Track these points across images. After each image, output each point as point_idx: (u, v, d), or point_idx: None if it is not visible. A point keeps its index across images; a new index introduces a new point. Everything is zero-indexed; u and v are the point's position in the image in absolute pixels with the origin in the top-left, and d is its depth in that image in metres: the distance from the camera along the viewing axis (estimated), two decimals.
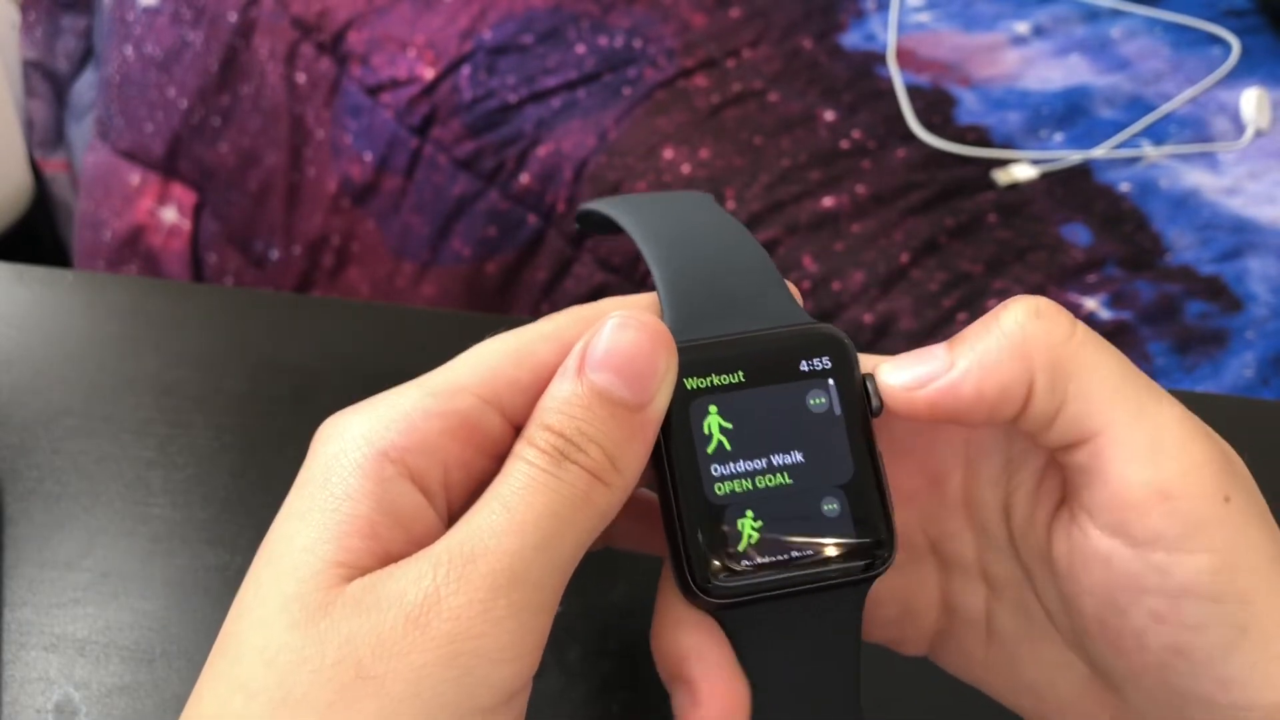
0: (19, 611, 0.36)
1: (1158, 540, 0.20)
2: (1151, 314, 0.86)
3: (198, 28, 1.07)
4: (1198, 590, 0.20)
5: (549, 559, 0.19)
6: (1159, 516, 0.20)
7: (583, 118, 0.98)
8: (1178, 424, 0.21)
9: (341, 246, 1.04)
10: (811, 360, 0.23)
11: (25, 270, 0.46)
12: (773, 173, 0.94)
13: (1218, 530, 0.20)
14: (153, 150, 1.10)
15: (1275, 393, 0.82)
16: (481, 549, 0.19)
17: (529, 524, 0.19)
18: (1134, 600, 0.21)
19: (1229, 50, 1.10)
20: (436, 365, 0.23)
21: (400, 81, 1.00)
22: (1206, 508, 0.20)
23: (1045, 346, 0.21)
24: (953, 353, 0.22)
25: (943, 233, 0.91)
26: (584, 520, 0.20)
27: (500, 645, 0.18)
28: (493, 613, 0.18)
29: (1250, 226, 0.94)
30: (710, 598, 0.22)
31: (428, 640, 0.18)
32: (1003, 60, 1.09)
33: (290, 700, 0.18)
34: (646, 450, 0.21)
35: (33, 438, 0.40)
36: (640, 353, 0.21)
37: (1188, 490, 0.20)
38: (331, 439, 0.21)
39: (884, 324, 0.86)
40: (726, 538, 0.22)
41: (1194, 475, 0.21)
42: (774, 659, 0.23)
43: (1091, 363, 0.21)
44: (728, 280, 0.24)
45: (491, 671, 0.18)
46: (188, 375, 0.42)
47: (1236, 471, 0.21)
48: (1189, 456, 0.21)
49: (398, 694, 0.18)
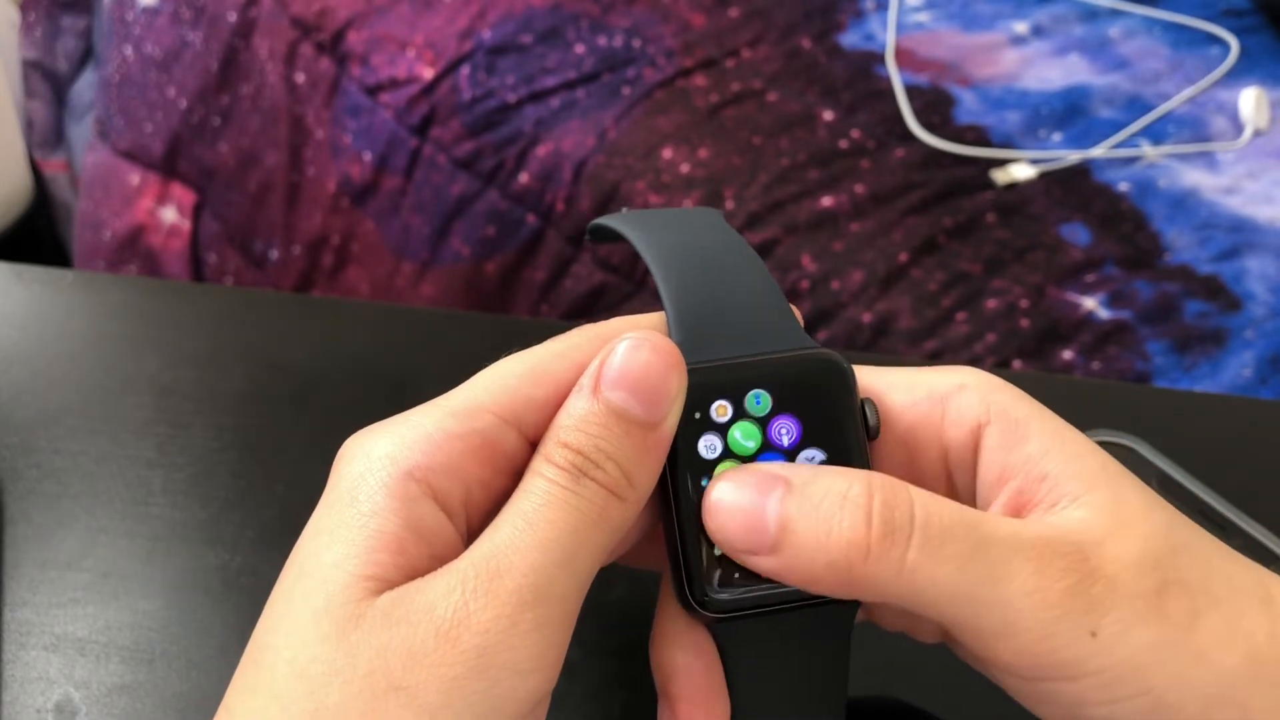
0: (19, 611, 0.36)
1: (1047, 677, 0.22)
2: (1150, 313, 0.86)
3: (197, 28, 1.07)
4: (1097, 701, 0.22)
5: (570, 574, 0.20)
6: (1040, 669, 0.22)
7: (582, 118, 0.98)
8: (1026, 594, 0.21)
9: (341, 246, 1.04)
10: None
11: (25, 270, 0.46)
12: (772, 172, 0.94)
13: (1093, 660, 0.21)
14: (152, 150, 1.10)
15: (1274, 392, 0.82)
16: (507, 565, 0.19)
17: (550, 540, 0.20)
18: (1052, 709, 0.23)
19: (1228, 50, 1.10)
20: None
21: (400, 81, 1.00)
22: (1077, 648, 0.21)
23: (874, 586, 0.22)
24: (783, 535, 0.22)
25: (941, 232, 0.91)
26: (601, 536, 0.21)
27: (527, 658, 0.19)
28: (519, 627, 0.19)
29: (1249, 226, 0.94)
30: (707, 611, 0.23)
31: (458, 653, 0.18)
32: (1002, 60, 1.09)
33: (323, 711, 0.18)
34: (658, 468, 0.22)
35: (33, 438, 0.40)
36: (654, 373, 0.22)
37: (1054, 643, 0.21)
38: (356, 458, 0.22)
39: (883, 323, 0.86)
40: (724, 554, 0.23)
41: (1053, 630, 0.21)
42: (764, 677, 0.23)
43: (923, 586, 0.22)
44: (733, 302, 0.25)
45: (519, 684, 0.19)
46: (188, 375, 0.42)
47: (1111, 575, 0.22)
48: (1043, 619, 0.21)
49: (430, 704, 0.18)
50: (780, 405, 0.24)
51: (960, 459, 0.24)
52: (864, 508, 0.21)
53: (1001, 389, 0.24)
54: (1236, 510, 0.37)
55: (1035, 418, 0.24)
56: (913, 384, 0.25)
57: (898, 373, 0.25)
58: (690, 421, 0.23)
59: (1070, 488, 0.23)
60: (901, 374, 0.25)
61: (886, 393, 0.25)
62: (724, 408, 0.24)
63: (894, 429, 0.25)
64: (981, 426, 0.24)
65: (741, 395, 0.24)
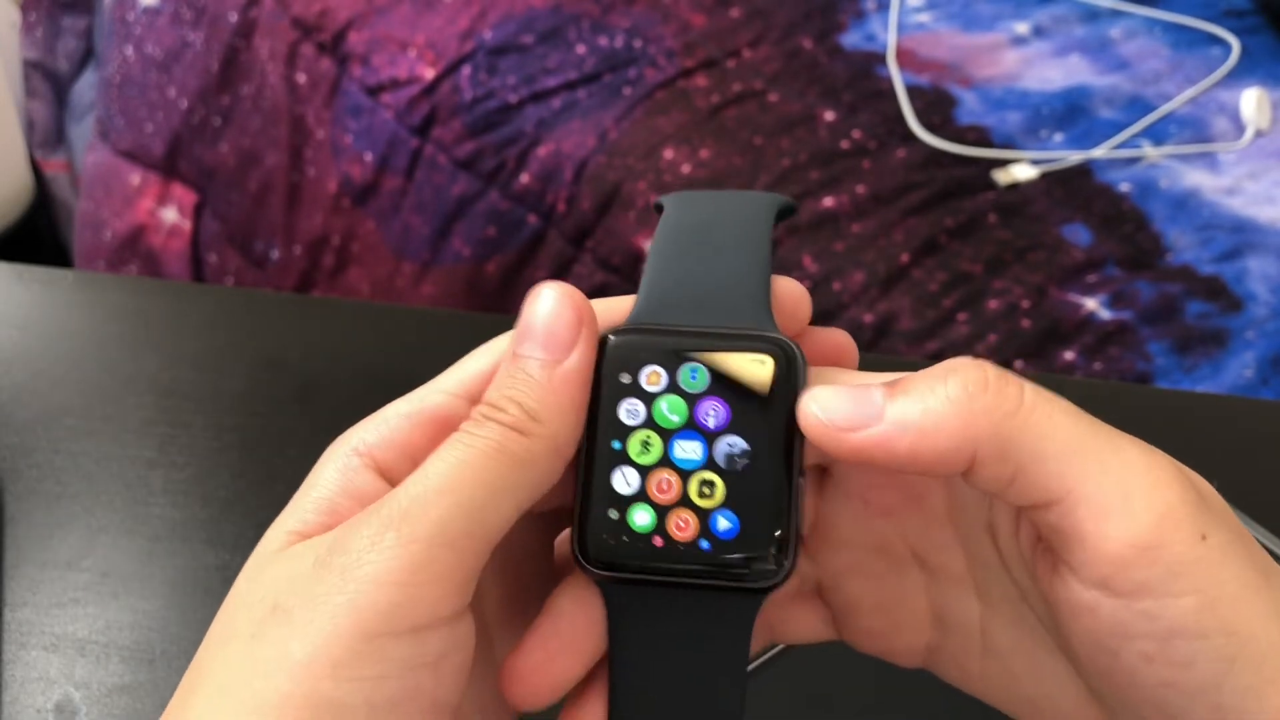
0: (19, 611, 0.36)
1: (1142, 590, 0.21)
2: (1151, 314, 0.86)
3: (198, 28, 1.08)
4: (1185, 631, 0.21)
5: (453, 500, 0.21)
6: (1140, 568, 0.21)
7: (583, 118, 0.98)
8: (1144, 471, 0.21)
9: (341, 246, 1.04)
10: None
11: (25, 270, 0.46)
12: (773, 173, 0.94)
13: (1199, 570, 0.20)
14: (153, 150, 1.10)
15: (1275, 392, 0.82)
16: (388, 499, 0.21)
17: (432, 471, 0.21)
18: (1123, 644, 0.21)
19: (1229, 50, 1.10)
20: (436, 365, 0.24)
21: (400, 82, 1.00)
22: (1186, 550, 0.21)
23: (990, 421, 0.21)
24: (892, 402, 0.22)
25: (943, 233, 0.91)
26: (498, 466, 0.22)
27: (389, 570, 0.20)
28: (383, 542, 0.20)
29: (1250, 226, 0.94)
30: (593, 568, 0.23)
31: (327, 572, 0.21)
32: (1003, 60, 1.09)
33: (228, 632, 0.21)
34: (572, 403, 0.23)
35: (33, 438, 0.40)
36: (551, 313, 0.23)
37: (1164, 537, 0.21)
38: (329, 448, 0.24)
39: (884, 324, 0.86)
40: (623, 514, 0.23)
41: (1169, 520, 0.21)
42: (648, 657, 0.23)
43: (1044, 429, 0.21)
44: (710, 279, 0.25)
45: (381, 595, 0.20)
46: (188, 375, 0.42)
47: (1210, 505, 0.22)
48: (1161, 502, 0.21)
49: (301, 619, 0.20)
50: (715, 385, 0.23)
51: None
52: (975, 364, 0.22)
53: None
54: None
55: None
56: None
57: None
58: (616, 383, 0.23)
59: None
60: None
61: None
62: (656, 375, 0.23)
63: None
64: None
65: (676, 366, 0.23)
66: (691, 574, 0.23)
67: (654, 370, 0.23)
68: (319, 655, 0.20)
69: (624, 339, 0.23)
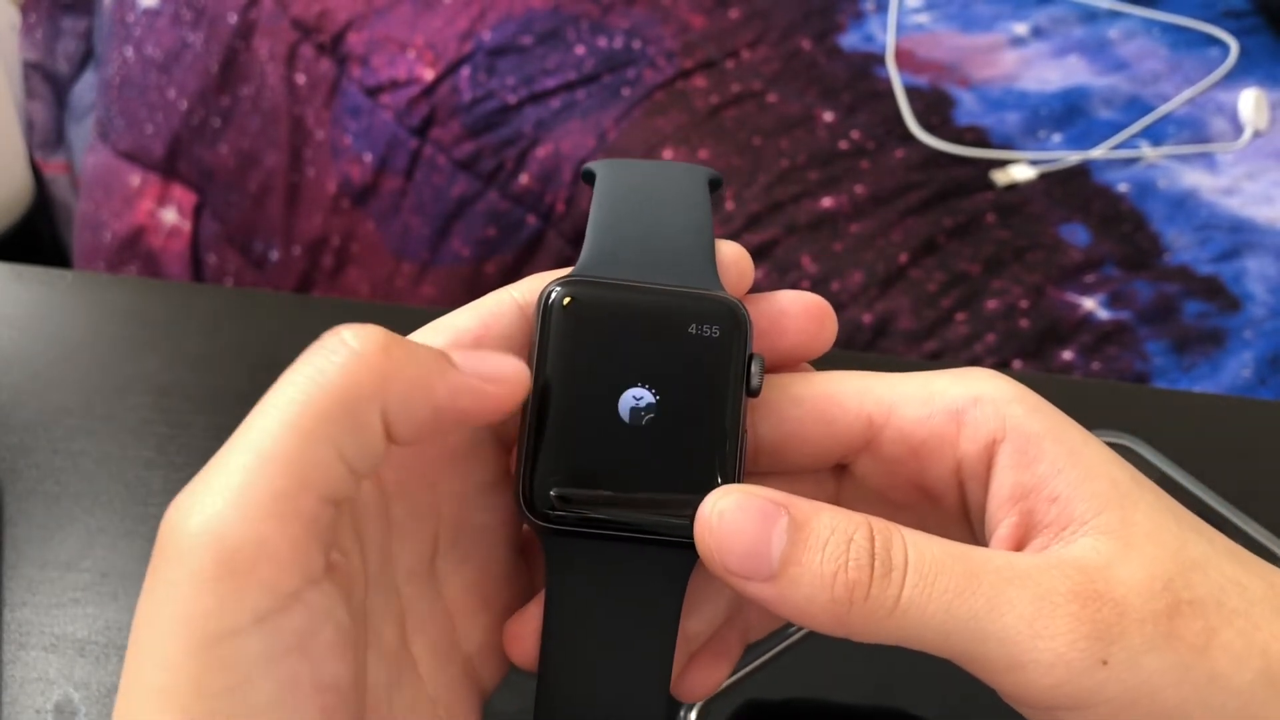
0: (19, 611, 0.36)
1: (1058, 714, 0.22)
2: (1150, 314, 0.86)
3: (198, 29, 1.08)
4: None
5: (292, 430, 0.21)
6: (1044, 710, 0.22)
7: (582, 118, 0.98)
8: (1030, 623, 0.21)
9: (341, 247, 1.04)
10: (702, 326, 0.24)
11: (25, 270, 0.46)
12: (771, 173, 0.94)
13: (1107, 689, 0.21)
14: (153, 151, 1.10)
15: (1273, 392, 0.82)
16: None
17: (270, 404, 0.22)
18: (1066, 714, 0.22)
19: (1227, 51, 1.11)
20: None
21: (400, 82, 1.00)
22: (1087, 684, 0.21)
23: (865, 626, 0.22)
24: (785, 574, 0.22)
25: (941, 233, 0.91)
26: (310, 409, 0.21)
27: (201, 568, 0.19)
28: (210, 470, 0.21)
29: (1248, 226, 0.94)
30: (535, 518, 0.23)
31: (156, 587, 0.20)
32: (1001, 61, 1.09)
33: (143, 594, 0.20)
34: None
35: (33, 438, 0.40)
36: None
37: (1061, 688, 0.21)
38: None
39: (883, 324, 0.86)
40: (568, 465, 0.23)
41: (1060, 669, 0.21)
42: (583, 606, 0.23)
43: (920, 631, 0.21)
44: (659, 239, 0.25)
45: (202, 598, 0.19)
46: (187, 375, 0.43)
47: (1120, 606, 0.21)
48: (1049, 652, 0.21)
49: (146, 645, 0.19)
50: (662, 338, 0.23)
51: (974, 474, 0.24)
52: (868, 550, 0.21)
53: (1019, 400, 0.24)
54: (1236, 510, 0.37)
55: (1050, 434, 0.23)
56: (927, 396, 0.24)
57: (910, 380, 0.25)
58: (561, 333, 0.23)
59: (1080, 509, 0.22)
60: (914, 382, 0.25)
61: (899, 406, 0.24)
62: (603, 328, 0.23)
63: (907, 442, 0.24)
64: (996, 443, 0.23)
65: (623, 319, 0.24)
66: (631, 526, 0.23)
67: (601, 322, 0.24)
68: (177, 680, 0.19)
69: (571, 289, 0.24)
